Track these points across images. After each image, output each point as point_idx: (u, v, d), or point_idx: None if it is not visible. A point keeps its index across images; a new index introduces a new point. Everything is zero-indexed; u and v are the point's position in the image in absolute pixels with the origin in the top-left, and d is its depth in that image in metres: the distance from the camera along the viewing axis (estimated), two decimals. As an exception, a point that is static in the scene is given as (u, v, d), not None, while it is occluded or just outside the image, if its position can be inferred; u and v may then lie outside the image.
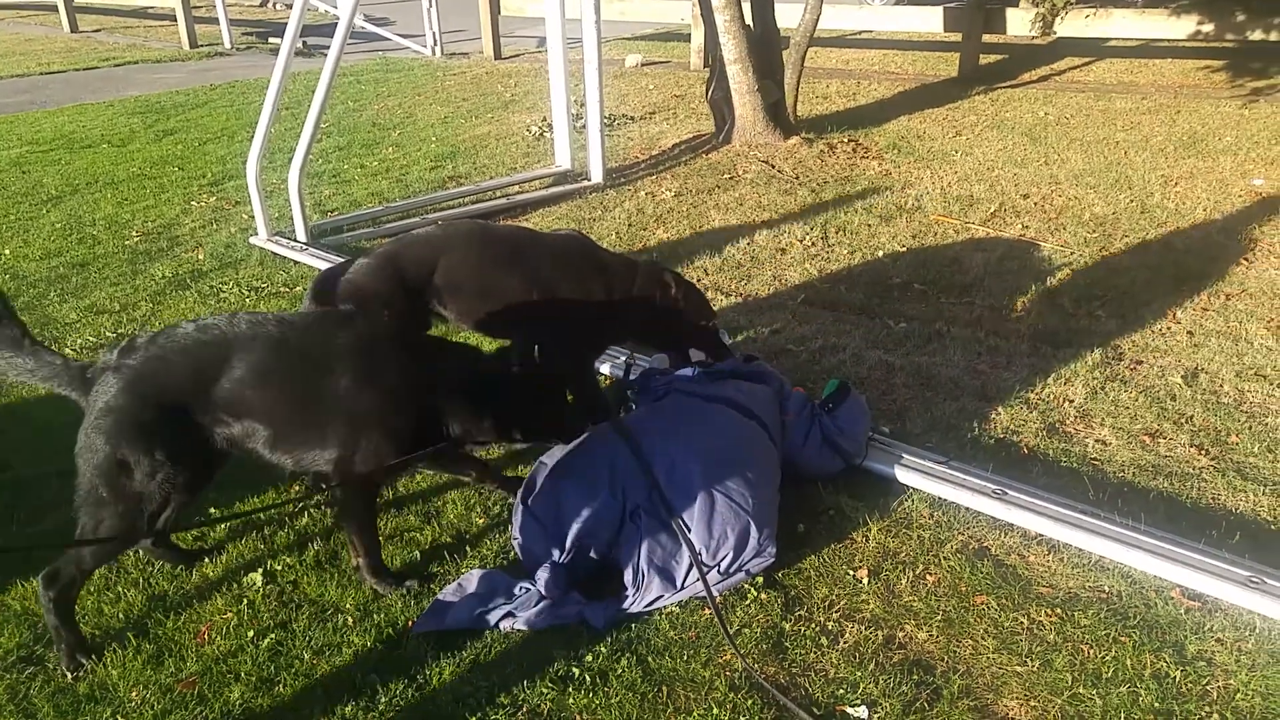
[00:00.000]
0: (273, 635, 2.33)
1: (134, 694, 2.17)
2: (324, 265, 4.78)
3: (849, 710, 2.08)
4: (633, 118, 8.13)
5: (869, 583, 2.47)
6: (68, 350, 3.99)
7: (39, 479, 2.95)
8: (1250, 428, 3.20)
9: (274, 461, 2.28)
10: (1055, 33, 8.66)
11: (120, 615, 2.43)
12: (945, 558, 2.56)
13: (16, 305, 4.40)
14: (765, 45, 6.79)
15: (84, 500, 2.13)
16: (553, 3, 6.03)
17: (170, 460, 2.12)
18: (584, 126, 6.41)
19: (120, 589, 2.52)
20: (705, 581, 2.31)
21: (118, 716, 2.11)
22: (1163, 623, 2.32)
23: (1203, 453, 3.07)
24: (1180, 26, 8.39)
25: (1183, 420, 3.27)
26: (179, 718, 2.10)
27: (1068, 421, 3.28)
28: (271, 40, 13.73)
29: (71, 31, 14.78)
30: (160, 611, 2.44)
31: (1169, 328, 3.99)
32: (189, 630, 2.37)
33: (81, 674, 2.22)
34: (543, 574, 2.39)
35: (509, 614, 2.32)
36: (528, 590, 2.38)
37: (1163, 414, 3.31)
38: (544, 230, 3.43)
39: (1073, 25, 8.63)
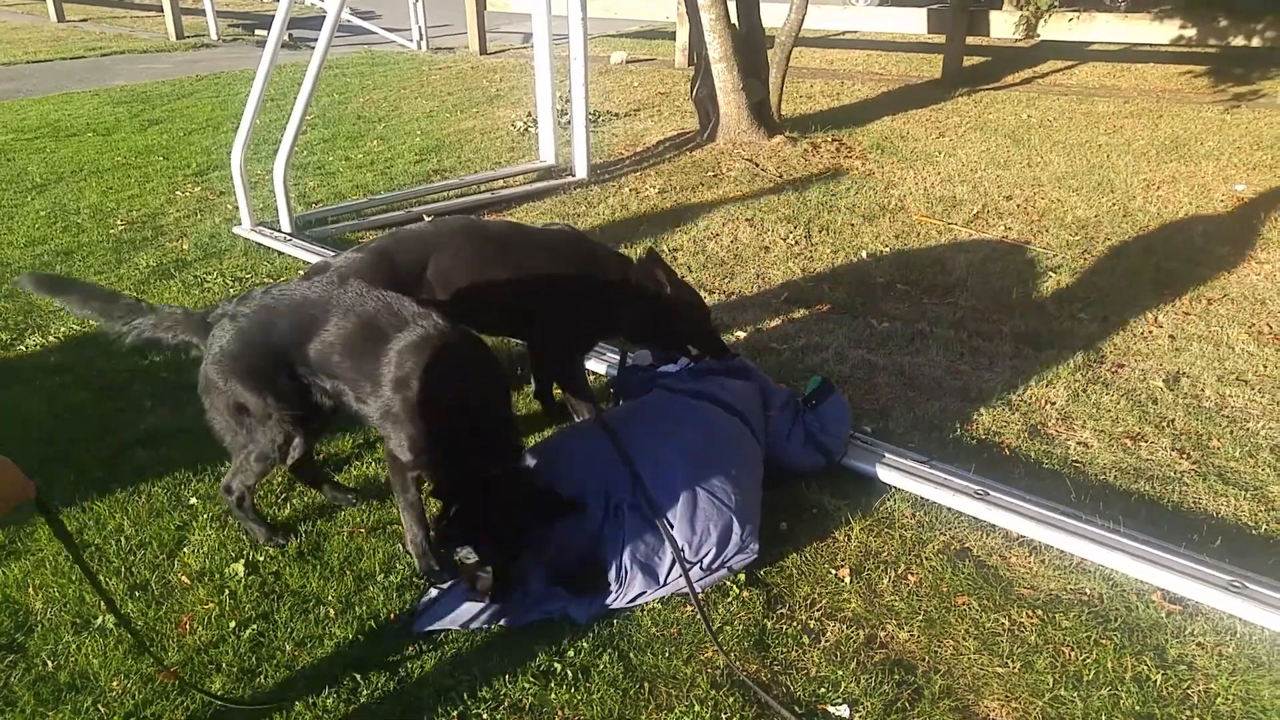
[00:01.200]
0: (254, 626, 2.32)
1: (115, 684, 2.16)
2: (308, 256, 4.76)
3: (830, 709, 2.09)
4: (617, 114, 8.12)
5: (851, 582, 2.49)
6: (51, 338, 3.95)
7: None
8: (1231, 432, 3.24)
9: (358, 411, 2.42)
10: (1039, 35, 8.73)
11: (101, 604, 2.39)
12: (927, 558, 2.58)
13: (0, 291, 4.39)
14: (750, 44, 6.80)
15: (223, 430, 2.44)
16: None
17: (280, 403, 2.35)
18: (569, 122, 6.40)
19: (103, 576, 2.50)
20: (688, 578, 2.32)
21: (98, 706, 2.10)
22: (1144, 626, 2.34)
23: (1184, 456, 3.10)
24: (1163, 31, 8.47)
25: (1164, 424, 3.30)
26: (159, 708, 2.09)
27: (1049, 423, 3.31)
28: (258, 32, 13.62)
29: (58, 21, 14.67)
30: (143, 600, 2.42)
31: (1150, 331, 4.03)
32: (171, 620, 2.36)
33: (282, 546, 2.55)
34: (534, 579, 2.39)
35: (495, 611, 2.32)
36: (517, 592, 2.38)
37: (1144, 417, 3.34)
38: (535, 226, 3.40)
39: (1056, 28, 8.70)
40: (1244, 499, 2.87)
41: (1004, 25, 8.88)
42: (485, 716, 2.06)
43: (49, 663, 2.23)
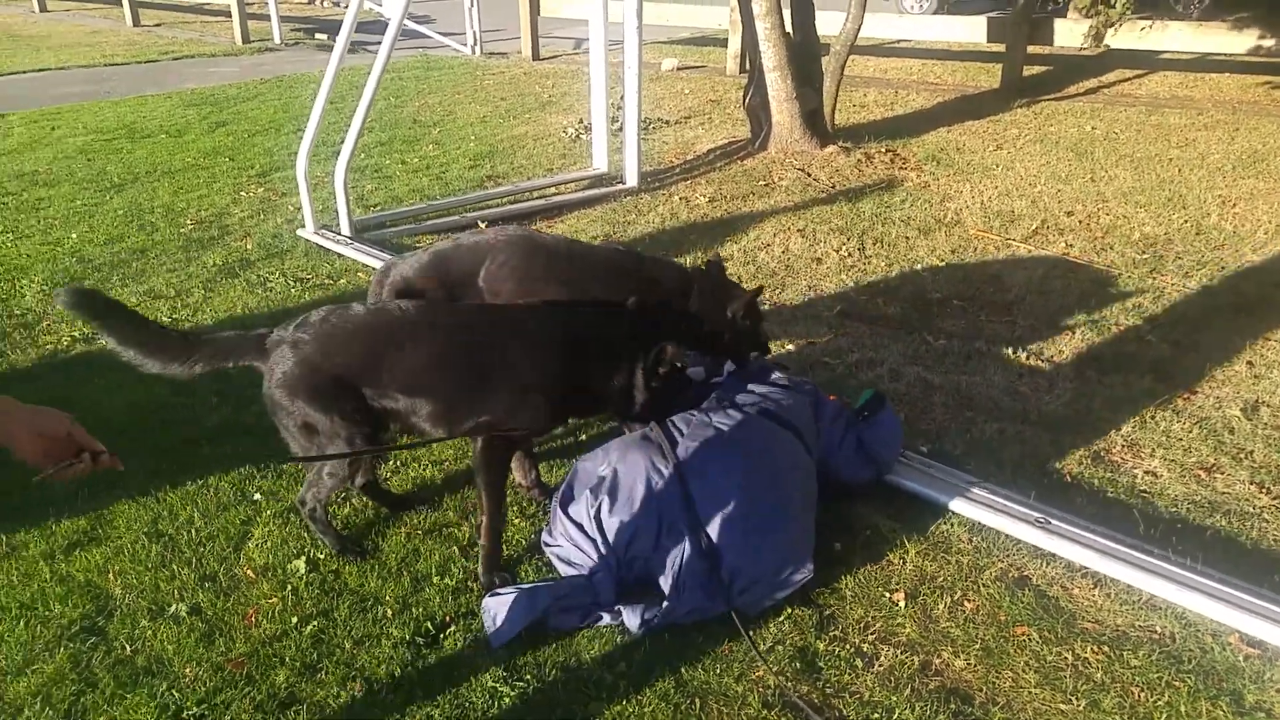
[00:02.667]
0: (315, 623, 2.38)
1: (187, 670, 2.24)
2: (366, 259, 4.85)
3: (885, 734, 2.07)
4: (668, 122, 8.13)
5: (906, 606, 2.45)
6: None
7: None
8: (1316, 467, 3.09)
9: (428, 431, 2.51)
10: (1107, 44, 8.48)
11: (175, 592, 2.51)
12: (984, 585, 2.53)
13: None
14: (805, 53, 6.76)
15: (296, 448, 2.46)
16: (595, 6, 6.05)
17: (346, 422, 2.38)
18: (620, 130, 6.42)
19: (174, 566, 2.60)
20: (732, 606, 2.31)
21: (173, 691, 2.18)
22: (1219, 669, 2.26)
23: (1263, 491, 2.97)
24: (1240, 41, 8.18)
25: (1241, 455, 3.16)
26: (229, 696, 2.17)
27: (1114, 450, 3.22)
28: (318, 36, 13.98)
29: (134, 25, 15.28)
30: (212, 591, 2.51)
31: (1227, 357, 3.85)
32: (238, 612, 2.43)
33: (355, 560, 2.59)
34: (601, 587, 2.40)
35: (560, 614, 2.35)
36: (580, 595, 2.39)
37: (1219, 447, 3.21)
38: (591, 241, 3.45)
39: (1125, 37, 8.39)
40: (1326, 537, 2.75)
41: (1069, 34, 8.66)
42: (537, 725, 2.08)
43: (127, 646, 2.32)
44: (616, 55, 6.10)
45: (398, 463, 3.11)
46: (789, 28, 6.67)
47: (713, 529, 2.43)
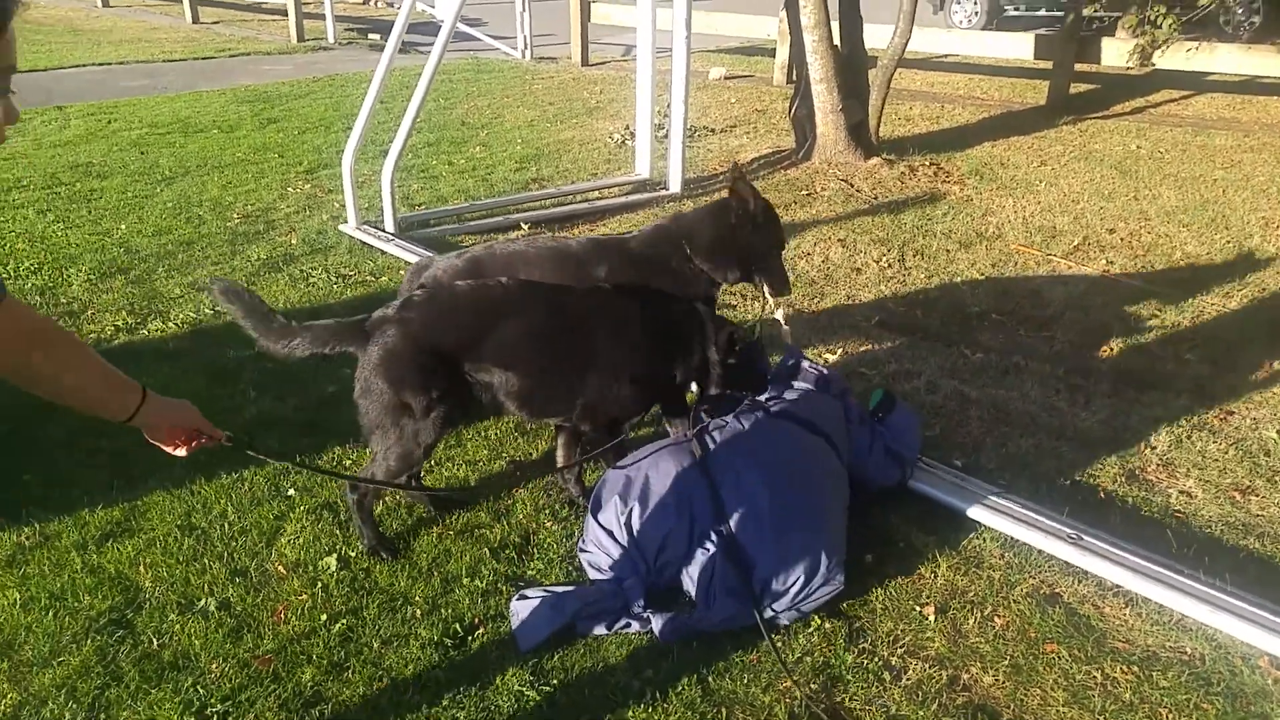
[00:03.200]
0: (344, 621, 2.40)
1: (214, 666, 2.25)
2: (409, 256, 4.93)
3: (910, 748, 2.06)
4: (713, 130, 8.14)
5: (935, 620, 2.43)
6: (170, 325, 4.19)
7: (139, 446, 3.09)
8: (1349, 490, 3.05)
9: (514, 410, 2.58)
10: (1153, 64, 8.37)
11: (205, 586, 2.53)
12: (1015, 600, 2.51)
13: (129, 278, 4.69)
14: (852, 66, 6.74)
15: (371, 430, 2.49)
16: (645, 13, 6.09)
17: (441, 400, 2.43)
18: (666, 136, 6.45)
19: (206, 560, 2.63)
20: (760, 616, 2.32)
21: (198, 687, 2.19)
22: (1249, 692, 2.22)
23: (1299, 514, 2.93)
24: (1289, 64, 8.04)
25: (1277, 478, 3.12)
26: (254, 694, 2.17)
27: (1149, 469, 3.18)
28: (371, 36, 14.20)
29: (193, 22, 15.66)
30: (242, 587, 2.53)
31: (1265, 378, 3.82)
32: (267, 608, 2.45)
33: (384, 560, 2.61)
34: (632, 592, 2.41)
35: (588, 620, 2.37)
36: (609, 601, 2.41)
37: (1255, 469, 3.17)
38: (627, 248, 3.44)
39: (1173, 58, 8.29)
40: (1364, 565, 2.70)
41: (1116, 53, 8.54)
42: (562, 728, 2.09)
43: (154, 641, 2.34)
44: (665, 63, 6.12)
45: (430, 461, 3.14)
46: (837, 40, 6.66)
47: (744, 537, 2.43)
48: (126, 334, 4.10)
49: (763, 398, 2.94)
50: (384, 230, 5.33)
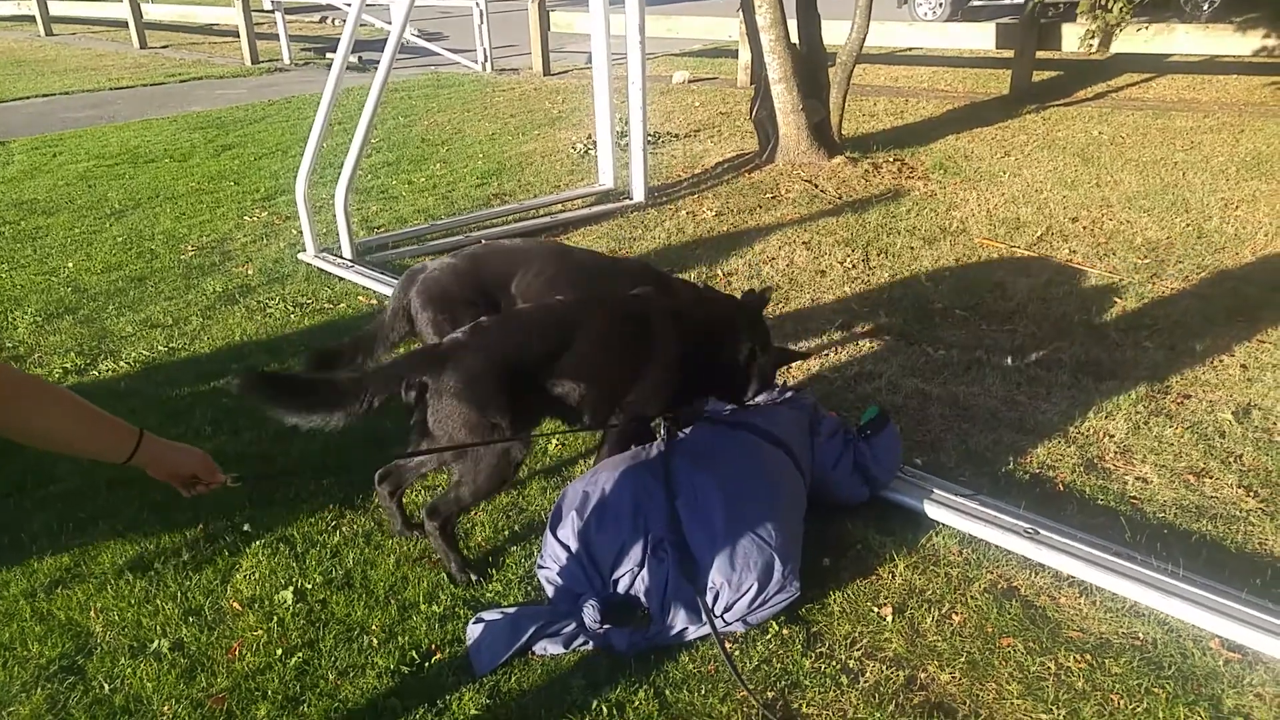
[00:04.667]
0: (300, 654, 2.38)
1: (166, 708, 2.23)
2: (368, 283, 4.90)
3: (866, 753, 2.05)
4: (677, 135, 8.16)
5: (893, 620, 2.44)
6: (122, 364, 4.13)
7: (89, 488, 3.08)
8: (1304, 469, 3.08)
9: (576, 415, 2.66)
10: (1110, 50, 8.46)
11: (157, 628, 2.50)
12: (973, 597, 2.52)
13: (77, 317, 4.62)
14: (811, 64, 6.77)
15: (457, 457, 2.50)
16: (598, 21, 6.10)
17: (527, 419, 2.52)
18: (628, 145, 6.45)
19: (159, 601, 2.60)
20: (712, 621, 2.31)
21: (149, 730, 2.17)
22: (1199, 674, 2.25)
23: (1251, 494, 2.96)
24: (1246, 43, 8.14)
25: (1231, 459, 3.16)
26: (206, 733, 2.16)
27: (1107, 457, 3.20)
28: (328, 55, 14.06)
29: (140, 48, 15.30)
30: (195, 626, 2.50)
31: (1221, 360, 3.86)
32: (221, 645, 2.43)
33: (472, 583, 2.61)
34: (589, 609, 2.40)
35: (545, 640, 2.36)
36: (565, 621, 2.40)
37: (1210, 452, 3.20)
38: (617, 256, 3.54)
39: (1132, 41, 8.41)
40: (1316, 542, 2.72)
41: (1076, 39, 8.63)
42: (519, 751, 2.08)
43: (105, 685, 2.30)
44: (623, 69, 6.10)
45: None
46: (795, 39, 6.69)
47: (698, 548, 2.43)
48: (76, 375, 4.04)
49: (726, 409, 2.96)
50: (341, 256, 5.30)
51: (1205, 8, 12.45)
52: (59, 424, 1.49)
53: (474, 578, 2.61)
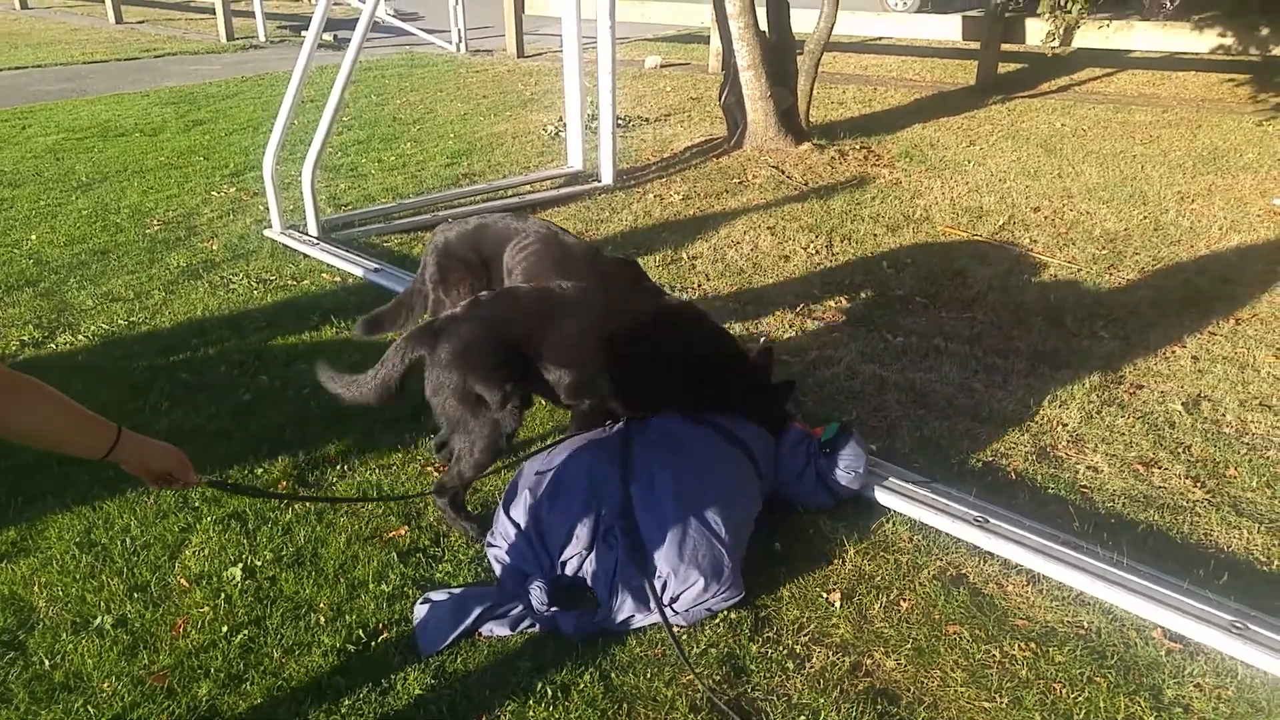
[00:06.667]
0: (246, 631, 2.36)
1: (106, 685, 2.21)
2: (333, 260, 4.84)
3: (808, 736, 2.08)
4: (647, 119, 8.13)
5: (841, 606, 2.46)
6: (80, 337, 4.07)
7: (40, 464, 3.04)
8: (1250, 460, 3.14)
9: (563, 400, 2.72)
10: (1071, 46, 8.57)
11: (102, 604, 2.47)
12: (921, 583, 2.55)
13: (37, 290, 4.54)
14: (779, 52, 6.76)
15: (451, 428, 2.57)
16: (569, 4, 6.04)
17: (515, 392, 2.54)
18: (598, 128, 6.41)
19: (104, 577, 2.57)
20: (662, 611, 2.32)
21: (88, 707, 2.15)
22: (1141, 664, 2.28)
23: (1198, 485, 3.01)
24: (1203, 40, 8.27)
25: (1180, 449, 3.21)
26: (146, 711, 2.14)
27: (1060, 446, 3.25)
28: (304, 34, 13.84)
29: (116, 23, 15.06)
30: (140, 602, 2.48)
31: (1173, 351, 3.92)
32: (166, 622, 2.40)
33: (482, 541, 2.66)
34: (536, 591, 2.40)
35: (491, 622, 2.35)
36: (512, 603, 2.40)
37: (1159, 442, 3.25)
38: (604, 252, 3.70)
39: (1093, 37, 8.51)
40: (1258, 532, 2.78)
41: (1039, 33, 8.73)
42: (463, 730, 2.09)
43: (46, 661, 2.28)
44: (594, 53, 6.05)
45: (344, 467, 3.11)
46: (764, 26, 6.67)
47: (649, 536, 2.42)
48: (33, 348, 3.97)
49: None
50: (307, 234, 5.23)
51: (1168, 5, 12.59)
52: (43, 422, 1.51)
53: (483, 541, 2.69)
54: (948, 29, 9.42)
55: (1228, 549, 2.72)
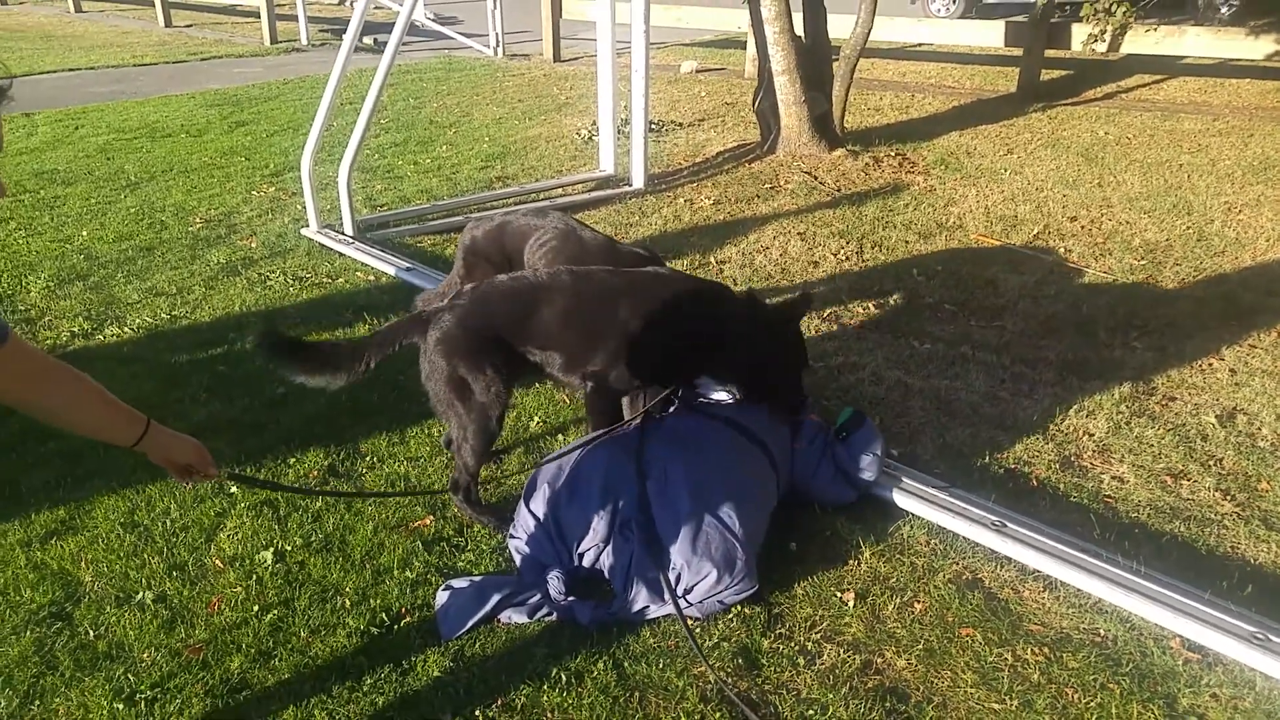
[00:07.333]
0: (275, 611, 2.46)
1: (145, 655, 2.33)
2: (368, 259, 4.96)
3: (816, 730, 2.10)
4: (681, 124, 8.18)
5: (855, 606, 2.48)
6: (126, 330, 4.23)
7: (87, 448, 3.17)
8: (1285, 474, 3.09)
9: (562, 380, 2.81)
10: (1117, 50, 8.41)
11: (143, 580, 2.60)
12: (936, 586, 2.56)
13: (87, 284, 4.73)
14: (815, 57, 6.77)
15: (445, 414, 2.69)
16: (604, 8, 6.12)
17: (498, 375, 2.62)
18: (630, 132, 6.48)
19: (145, 555, 2.70)
20: (675, 602, 2.36)
21: (129, 675, 2.27)
22: (1157, 673, 2.27)
23: (1228, 498, 2.97)
24: (1258, 46, 8.07)
25: (1211, 462, 3.17)
26: (182, 680, 2.25)
27: (1085, 455, 3.22)
28: (345, 37, 14.13)
29: (165, 26, 15.58)
30: (179, 580, 2.60)
31: (1210, 364, 3.86)
32: (202, 600, 2.52)
33: (503, 532, 2.72)
34: (554, 581, 2.46)
35: (510, 609, 2.42)
36: (530, 592, 2.46)
37: (1190, 454, 3.21)
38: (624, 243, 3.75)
39: (1142, 42, 8.36)
40: (1286, 547, 2.74)
41: (1085, 39, 8.61)
42: (478, 711, 2.15)
43: (91, 632, 2.41)
44: (629, 58, 6.12)
45: (373, 459, 3.20)
46: (800, 31, 6.69)
47: (664, 530, 2.47)
48: (82, 339, 4.14)
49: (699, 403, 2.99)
50: (343, 233, 5.36)
51: (1224, 11, 12.34)
52: (81, 410, 1.61)
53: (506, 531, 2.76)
54: (990, 35, 9.33)
55: (1254, 562, 2.69)
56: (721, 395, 3.02)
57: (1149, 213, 5.69)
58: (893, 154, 6.96)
